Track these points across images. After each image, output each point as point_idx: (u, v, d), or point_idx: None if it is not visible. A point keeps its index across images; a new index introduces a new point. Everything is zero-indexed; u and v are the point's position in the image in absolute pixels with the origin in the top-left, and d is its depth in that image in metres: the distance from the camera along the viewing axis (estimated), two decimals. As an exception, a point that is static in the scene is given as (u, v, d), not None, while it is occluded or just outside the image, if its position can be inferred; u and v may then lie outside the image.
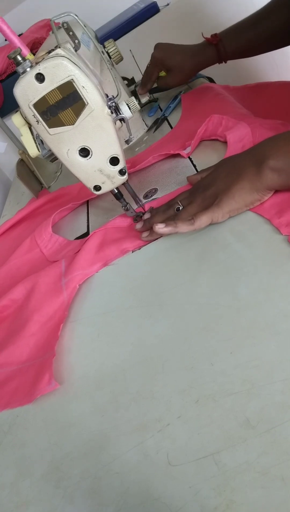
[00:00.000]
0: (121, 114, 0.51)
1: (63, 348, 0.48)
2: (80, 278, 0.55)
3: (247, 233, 0.46)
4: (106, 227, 0.60)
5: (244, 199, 0.48)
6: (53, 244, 0.65)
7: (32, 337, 0.50)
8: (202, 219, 0.48)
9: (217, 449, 0.31)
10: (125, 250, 0.56)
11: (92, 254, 0.56)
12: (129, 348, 0.43)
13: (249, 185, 0.47)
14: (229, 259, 0.45)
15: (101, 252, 0.56)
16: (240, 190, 0.48)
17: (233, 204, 0.48)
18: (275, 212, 0.46)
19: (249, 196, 0.47)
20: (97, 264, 0.56)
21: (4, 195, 1.05)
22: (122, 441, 0.36)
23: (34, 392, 0.43)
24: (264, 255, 0.43)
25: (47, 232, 0.67)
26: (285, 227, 0.44)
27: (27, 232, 0.75)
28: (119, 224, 0.60)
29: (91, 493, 0.34)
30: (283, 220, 0.45)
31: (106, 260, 0.56)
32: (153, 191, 0.64)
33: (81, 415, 0.40)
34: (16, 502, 0.37)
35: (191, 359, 0.38)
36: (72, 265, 0.55)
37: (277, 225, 0.45)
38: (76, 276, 0.54)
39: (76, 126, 0.47)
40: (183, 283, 0.46)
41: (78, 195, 0.77)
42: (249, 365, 0.35)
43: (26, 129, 0.50)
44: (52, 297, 0.53)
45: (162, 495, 0.31)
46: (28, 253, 0.66)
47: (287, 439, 0.29)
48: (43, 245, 0.66)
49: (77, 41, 0.47)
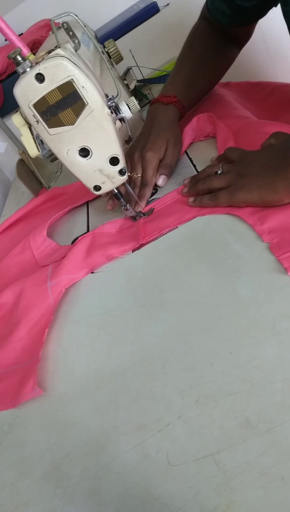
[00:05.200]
0: (121, 114, 0.51)
1: (62, 348, 0.48)
2: (67, 283, 0.55)
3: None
4: (94, 232, 0.60)
5: (261, 197, 0.47)
6: (45, 248, 0.65)
7: (19, 341, 0.50)
8: (221, 201, 0.51)
9: (217, 449, 0.31)
10: (111, 256, 0.55)
11: (79, 259, 0.56)
12: (129, 348, 0.43)
13: (270, 183, 0.46)
14: (229, 259, 0.45)
15: (88, 258, 0.56)
16: (259, 188, 0.47)
17: (250, 198, 0.48)
18: (258, 218, 0.46)
19: (267, 195, 0.47)
20: (84, 270, 0.56)
21: (4, 195, 1.05)
22: (122, 441, 0.36)
23: (18, 397, 0.43)
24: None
25: (41, 236, 0.67)
26: (267, 235, 0.44)
27: (22, 233, 0.75)
28: (108, 231, 0.60)
29: (91, 493, 0.34)
30: (265, 228, 0.45)
31: (93, 266, 0.56)
32: (153, 191, 0.64)
33: (81, 415, 0.40)
34: (16, 502, 0.37)
35: (191, 359, 0.38)
36: (58, 269, 0.55)
37: (259, 232, 0.45)
38: (63, 280, 0.54)
39: (76, 126, 0.47)
40: (183, 283, 0.46)
41: (75, 194, 0.76)
42: (249, 365, 0.35)
43: (26, 129, 0.50)
44: (38, 301, 0.53)
45: (162, 495, 0.31)
46: (20, 255, 0.67)
47: (287, 439, 0.29)
48: (35, 248, 0.66)
49: (77, 41, 0.47)
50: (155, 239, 0.54)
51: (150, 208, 0.60)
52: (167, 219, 0.55)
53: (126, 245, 0.55)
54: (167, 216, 0.56)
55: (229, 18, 0.69)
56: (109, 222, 0.61)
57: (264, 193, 0.47)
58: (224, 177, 0.53)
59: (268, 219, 0.45)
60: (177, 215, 0.55)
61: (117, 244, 0.56)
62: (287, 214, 0.45)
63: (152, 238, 0.54)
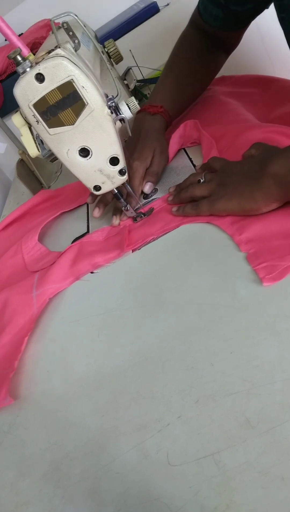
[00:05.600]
0: (121, 114, 0.51)
1: (62, 348, 0.48)
2: (52, 292, 0.55)
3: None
4: (81, 241, 0.61)
5: (240, 205, 0.48)
6: (35, 252, 0.66)
7: (2, 348, 0.51)
8: (202, 210, 0.52)
9: (217, 449, 0.31)
10: (96, 264, 0.56)
11: (65, 269, 0.57)
12: (129, 348, 0.43)
13: (249, 192, 0.47)
14: (229, 259, 0.45)
15: (74, 267, 0.57)
16: (239, 197, 0.48)
17: (230, 206, 0.49)
18: (237, 229, 0.47)
19: (247, 203, 0.47)
20: (69, 279, 0.56)
21: (4, 195, 1.05)
22: (122, 441, 0.36)
23: None
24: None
25: (33, 240, 0.67)
26: (244, 245, 0.45)
27: (18, 232, 0.76)
28: (95, 239, 0.61)
29: (91, 493, 0.34)
30: (243, 238, 0.45)
31: (78, 274, 0.56)
32: (153, 191, 0.64)
33: (81, 415, 0.40)
34: (16, 502, 0.37)
35: (191, 359, 0.38)
36: (44, 279, 0.56)
37: (238, 242, 0.45)
38: (48, 289, 0.55)
39: (76, 126, 0.47)
40: (183, 283, 0.46)
41: (70, 195, 0.77)
42: (249, 365, 0.35)
43: (26, 129, 0.50)
44: (23, 309, 0.54)
45: (162, 495, 0.31)
46: (12, 258, 0.67)
47: (287, 439, 0.29)
48: (26, 252, 0.66)
49: (77, 41, 0.47)
50: (139, 247, 0.55)
51: (150, 208, 0.60)
52: (152, 227, 0.56)
53: (111, 253, 0.56)
54: (151, 225, 0.56)
55: (222, 22, 0.70)
56: (96, 231, 0.62)
57: (243, 202, 0.47)
58: (206, 185, 0.53)
59: (247, 229, 0.46)
60: (162, 223, 0.56)
61: (102, 253, 0.56)
62: (265, 225, 0.45)
63: (136, 247, 0.55)
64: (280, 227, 0.44)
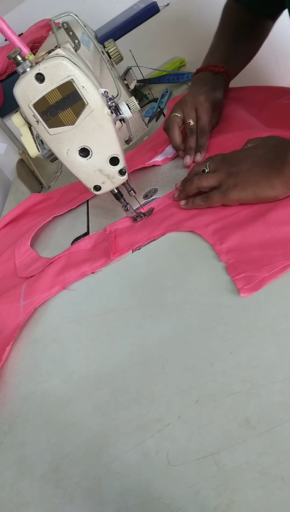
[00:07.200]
0: (121, 114, 0.51)
1: (62, 348, 0.48)
2: (38, 302, 0.55)
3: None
4: (70, 251, 0.61)
5: (256, 194, 0.47)
6: (26, 257, 0.66)
7: None
8: (214, 201, 0.51)
9: (217, 449, 0.31)
10: (83, 273, 0.56)
11: (52, 278, 0.57)
12: (129, 348, 0.43)
13: (266, 181, 0.46)
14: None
15: (61, 276, 0.57)
16: (254, 185, 0.47)
17: (244, 196, 0.48)
18: (218, 238, 0.47)
19: (263, 192, 0.47)
20: (56, 287, 0.56)
21: (4, 195, 1.05)
22: (122, 441, 0.36)
23: None
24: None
25: (25, 245, 0.68)
26: (224, 255, 0.45)
27: (8, 237, 0.77)
28: (83, 247, 0.61)
29: (91, 493, 0.34)
30: (224, 248, 0.45)
31: (65, 283, 0.56)
32: (153, 191, 0.64)
33: (81, 415, 0.40)
34: (16, 502, 0.37)
35: (191, 359, 0.38)
36: (32, 289, 0.56)
37: (218, 252, 0.45)
38: (35, 300, 0.55)
39: (76, 126, 0.47)
40: (183, 283, 0.46)
41: (62, 200, 0.77)
42: (249, 365, 0.35)
43: (26, 129, 0.50)
44: (9, 319, 0.54)
45: (162, 495, 0.31)
46: (6, 263, 0.68)
47: (287, 439, 0.29)
48: (18, 256, 0.67)
49: (77, 41, 0.47)
50: (125, 255, 0.55)
51: (149, 208, 0.60)
52: (138, 235, 0.56)
53: (98, 261, 0.56)
54: (137, 232, 0.57)
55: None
56: (83, 239, 0.62)
57: (259, 191, 0.47)
58: (213, 175, 0.52)
59: (227, 239, 0.46)
60: (147, 231, 0.56)
61: (89, 262, 0.56)
62: (245, 234, 0.45)
63: (123, 254, 0.55)
64: (259, 237, 0.44)
